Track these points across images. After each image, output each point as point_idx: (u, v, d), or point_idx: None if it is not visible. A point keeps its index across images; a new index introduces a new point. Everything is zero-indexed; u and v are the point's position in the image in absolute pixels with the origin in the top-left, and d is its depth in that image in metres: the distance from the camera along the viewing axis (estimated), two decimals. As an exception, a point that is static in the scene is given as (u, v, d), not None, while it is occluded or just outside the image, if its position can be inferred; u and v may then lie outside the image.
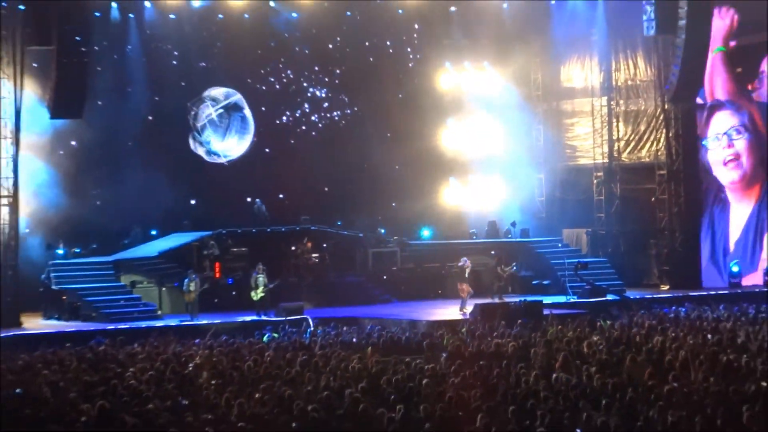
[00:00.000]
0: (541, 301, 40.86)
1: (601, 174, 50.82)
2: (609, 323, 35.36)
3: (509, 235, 50.49)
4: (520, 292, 44.80)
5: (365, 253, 47.73)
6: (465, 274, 44.06)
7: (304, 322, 39.13)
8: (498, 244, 48.81)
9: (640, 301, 42.53)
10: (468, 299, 43.02)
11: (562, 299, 43.84)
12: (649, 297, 44.00)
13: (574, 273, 45.87)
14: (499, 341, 31.16)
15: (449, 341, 31.73)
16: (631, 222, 49.61)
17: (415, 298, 45.46)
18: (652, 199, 48.68)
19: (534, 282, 46.70)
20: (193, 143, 48.60)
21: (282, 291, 43.74)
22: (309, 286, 45.70)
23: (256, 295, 42.43)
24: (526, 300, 41.21)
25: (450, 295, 46.26)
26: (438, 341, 31.76)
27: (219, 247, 45.19)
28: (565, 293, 45.08)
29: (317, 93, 51.16)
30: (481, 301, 41.42)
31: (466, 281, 43.85)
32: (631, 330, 33.06)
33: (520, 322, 35.71)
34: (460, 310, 42.11)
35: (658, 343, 29.48)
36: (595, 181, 51.05)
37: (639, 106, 49.50)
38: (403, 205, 50.71)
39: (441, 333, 33.85)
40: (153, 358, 30.25)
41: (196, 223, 47.14)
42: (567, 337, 31.48)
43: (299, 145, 50.31)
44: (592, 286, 44.46)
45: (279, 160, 49.75)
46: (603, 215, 50.51)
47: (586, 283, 44.79)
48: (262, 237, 46.91)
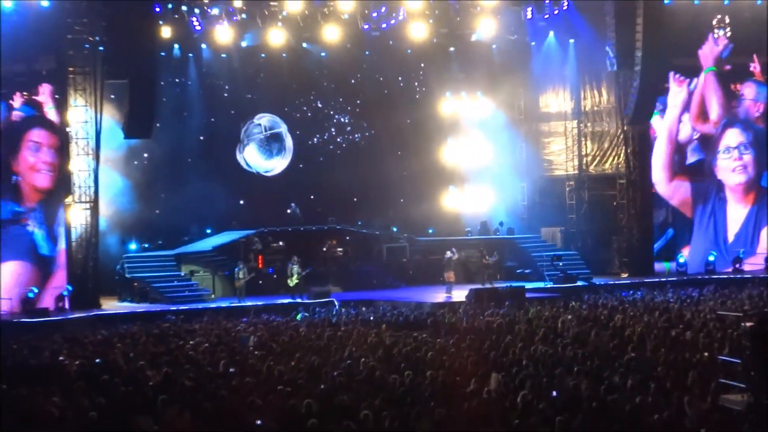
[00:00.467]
0: (523, 287, 40.77)
1: (572, 183, 50.73)
2: (579, 304, 35.21)
3: (497, 233, 50.35)
4: (506, 279, 44.73)
5: (380, 247, 47.64)
6: (451, 264, 44.01)
7: (331, 303, 39.07)
8: (487, 240, 48.63)
9: (604, 287, 42.47)
10: (453, 285, 42.87)
11: (540, 285, 43.66)
12: (612, 283, 43.85)
13: (550, 264, 45.84)
14: (490, 319, 31.08)
15: (449, 319, 31.64)
16: (596, 222, 49.44)
17: (421, 284, 45.28)
18: (614, 203, 48.50)
19: (517, 271, 46.52)
20: (239, 155, 48.45)
21: (313, 278, 43.75)
22: (335, 274, 45.57)
23: (292, 281, 42.40)
24: (511, 285, 41.20)
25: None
26: (440, 319, 31.69)
27: (262, 243, 45.13)
28: (543, 280, 44.92)
29: (341, 119, 51.10)
30: (475, 286, 41.27)
31: (452, 270, 43.80)
32: (597, 310, 32.97)
33: (507, 304, 35.59)
34: (446, 293, 41.87)
35: (619, 320, 29.36)
36: (567, 189, 50.95)
37: (603, 128, 49.34)
38: (411, 208, 50.58)
39: (442, 312, 33.78)
40: (207, 334, 30.24)
41: (243, 223, 47.04)
42: (545, 316, 31.39)
43: (327, 161, 50.20)
44: (565, 274, 44.39)
45: (311, 172, 49.63)
46: (574, 216, 50.39)
47: (560, 272, 44.72)
48: (297, 234, 46.80)
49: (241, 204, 48.61)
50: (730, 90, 49.11)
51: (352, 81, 51.06)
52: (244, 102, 48.96)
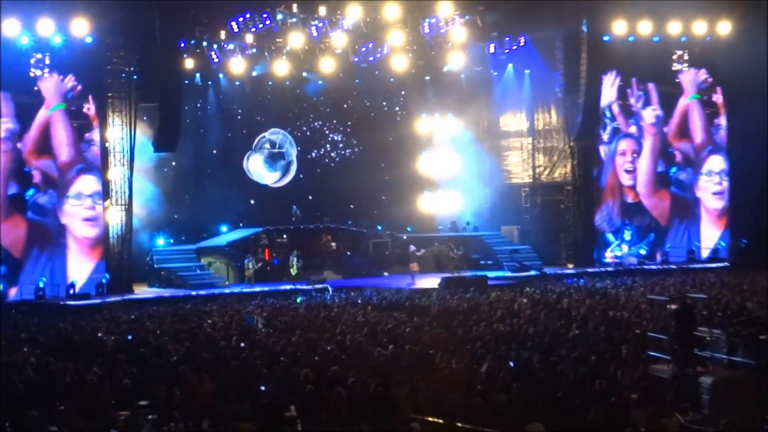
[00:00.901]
0: (486, 275, 40.70)
1: (527, 189, 50.69)
2: (532, 290, 35.17)
3: (465, 230, 50.29)
4: (471, 268, 44.54)
5: (367, 242, 47.54)
6: (413, 257, 44.20)
7: (326, 289, 38.97)
8: (456, 237, 48.57)
9: (553, 275, 42.38)
10: (416, 274, 42.98)
11: (500, 274, 43.54)
12: (560, 272, 43.79)
13: (508, 256, 45.84)
14: (458, 302, 31.02)
15: (424, 302, 31.55)
16: (547, 221, 49.37)
17: (401, 273, 45.09)
18: (561, 207, 48.47)
19: (481, 262, 46.42)
20: (245, 162, 48.34)
21: (310, 268, 43.75)
22: (329, 265, 45.48)
23: (293, 271, 42.37)
24: (476, 274, 41.15)
25: (424, 271, 46.09)
26: (416, 302, 31.58)
27: (268, 239, 45.05)
28: (502, 270, 44.81)
29: (335, 137, 50.99)
30: (445, 275, 41.20)
31: (414, 261, 43.90)
32: (547, 295, 32.92)
33: (472, 290, 35.55)
34: (410, 281, 41.79)
35: (565, 303, 29.35)
36: (523, 194, 50.89)
37: (553, 144, 49.26)
38: (393, 210, 50.54)
39: (418, 296, 33.70)
40: (222, 314, 30.11)
41: (253, 222, 46.92)
42: (503, 300, 31.37)
43: (323, 172, 50.13)
44: (520, 265, 44.31)
45: (310, 181, 49.61)
46: (528, 217, 50.36)
47: (517, 263, 44.64)
48: (298, 232, 46.64)
49: (252, 204, 48.41)
50: (710, 118, 49.08)
51: (345, 105, 50.95)
52: (254, 122, 48.88)
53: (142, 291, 40.48)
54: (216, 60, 43.89)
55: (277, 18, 42.62)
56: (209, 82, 47.31)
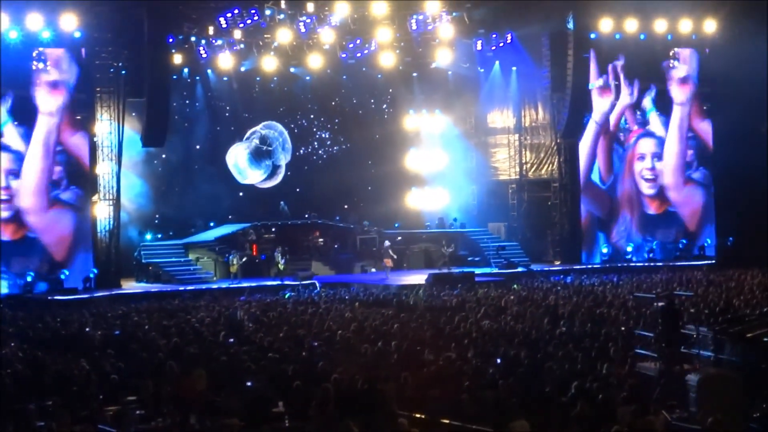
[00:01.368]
0: (473, 272, 40.78)
1: (514, 186, 50.65)
2: (519, 287, 35.24)
3: (452, 227, 50.28)
4: (458, 265, 44.52)
5: (354, 238, 47.41)
6: (388, 252, 44.21)
7: (313, 285, 38.94)
8: (444, 233, 48.58)
9: (540, 272, 42.48)
10: (390, 269, 43.36)
11: (487, 270, 43.59)
12: (547, 269, 43.88)
13: (496, 252, 45.82)
14: (445, 298, 31.08)
15: (411, 298, 31.57)
16: (534, 218, 49.42)
17: (380, 269, 45.12)
18: (548, 203, 48.50)
19: (468, 258, 46.44)
20: (230, 151, 48.23)
21: (297, 263, 43.79)
22: (316, 260, 45.46)
23: (280, 266, 42.36)
24: (463, 271, 41.19)
25: (412, 266, 46.26)
26: (404, 298, 31.61)
27: (256, 234, 44.93)
28: (489, 266, 44.86)
29: (323, 134, 50.90)
30: (433, 271, 41.25)
31: (389, 257, 43.95)
32: (534, 291, 33.00)
33: (459, 286, 35.57)
34: (385, 276, 42.19)
35: (552, 300, 29.45)
36: (510, 191, 50.86)
37: (539, 140, 49.28)
38: (380, 206, 50.31)
39: (405, 292, 33.71)
40: (210, 309, 30.12)
41: (240, 218, 46.85)
42: (491, 296, 31.39)
43: (311, 169, 49.99)
44: (508, 261, 44.31)
45: (298, 178, 49.44)
46: (515, 213, 50.30)
47: (504, 260, 44.64)
48: (285, 227, 46.61)
49: (239, 199, 48.29)
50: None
51: (332, 103, 50.86)
52: (242, 118, 48.70)
53: (130, 286, 40.41)
54: (204, 55, 43.87)
55: (266, 14, 42.62)
56: (197, 78, 47.17)
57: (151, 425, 15.68)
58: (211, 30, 42.72)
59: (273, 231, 45.83)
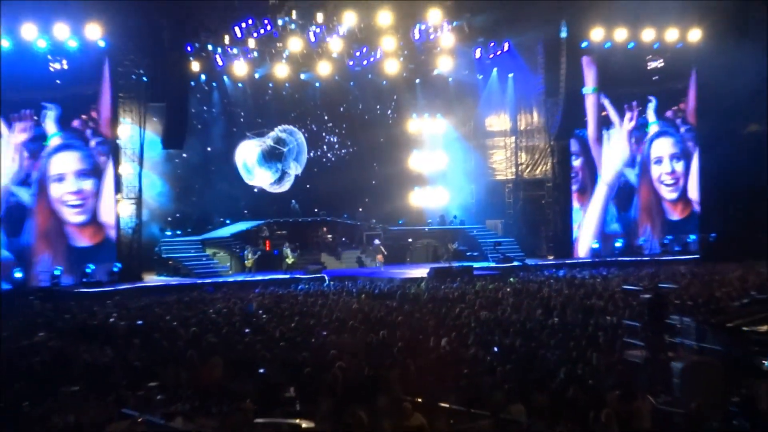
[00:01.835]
0: (472, 266, 40.72)
1: (510, 185, 50.63)
2: (515, 279, 35.24)
3: (452, 223, 50.26)
4: (458, 259, 44.53)
5: (361, 234, 47.44)
6: (380, 249, 44.68)
7: (322, 278, 38.99)
8: (445, 230, 48.73)
9: (534, 266, 42.40)
10: (382, 264, 43.88)
11: (485, 264, 43.57)
12: (540, 263, 43.81)
13: (493, 248, 45.86)
14: (446, 291, 31.09)
15: (414, 290, 31.60)
16: (529, 215, 49.34)
17: (393, 262, 45.20)
18: (542, 202, 48.47)
19: (467, 253, 46.40)
20: (240, 144, 48.20)
21: (308, 258, 43.83)
22: (325, 255, 45.44)
23: (290, 260, 42.37)
24: (462, 265, 41.17)
25: (415, 260, 46.30)
26: (407, 290, 31.63)
27: (269, 231, 44.97)
28: (487, 260, 44.84)
29: (331, 138, 50.85)
30: (435, 265, 41.29)
31: (381, 253, 44.48)
32: (529, 284, 32.99)
33: (459, 279, 35.60)
34: (381, 270, 42.61)
35: (546, 292, 29.41)
36: (506, 190, 50.83)
37: (534, 143, 49.24)
38: (385, 204, 50.37)
39: (409, 285, 33.72)
40: (226, 301, 30.16)
41: (255, 215, 46.85)
42: (488, 289, 31.40)
43: (320, 171, 49.86)
44: (504, 256, 44.36)
45: (308, 179, 49.33)
46: (512, 211, 50.28)
47: (501, 254, 44.70)
48: (296, 224, 46.58)
49: (253, 198, 48.18)
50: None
51: (341, 109, 50.81)
52: (255, 124, 48.60)
53: (151, 279, 40.43)
54: (220, 63, 43.87)
55: (278, 24, 42.70)
56: (214, 84, 47.16)
57: (172, 409, 15.75)
58: (226, 39, 42.72)
59: (284, 228, 45.83)
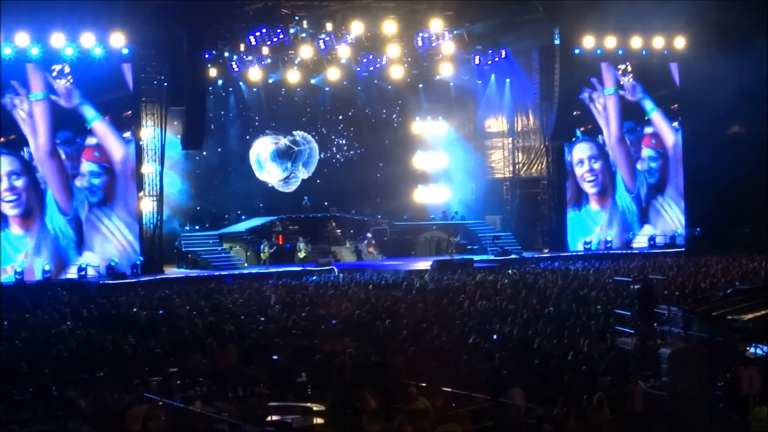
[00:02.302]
0: (472, 259, 40.69)
1: (508, 183, 50.50)
2: (513, 271, 35.22)
3: (453, 219, 50.18)
4: (459, 253, 44.51)
5: (368, 229, 47.36)
6: (372, 242, 44.89)
7: (332, 270, 38.97)
8: (447, 224, 48.67)
9: (531, 259, 42.36)
10: (374, 256, 44.13)
11: (484, 257, 43.46)
12: (536, 256, 43.72)
13: (492, 242, 45.78)
14: (448, 282, 31.11)
15: (418, 282, 31.59)
16: (525, 211, 49.24)
17: (398, 255, 45.19)
18: (538, 198, 48.37)
19: (468, 247, 46.32)
20: (257, 140, 48.03)
21: (319, 251, 43.85)
22: (335, 248, 45.41)
23: (302, 254, 42.39)
24: (463, 258, 41.13)
25: (419, 253, 46.27)
26: (412, 282, 31.62)
27: (282, 226, 45.00)
28: (486, 254, 44.70)
29: (340, 141, 50.75)
30: (437, 258, 41.26)
31: (372, 246, 44.69)
32: (526, 276, 32.96)
33: (460, 271, 35.57)
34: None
35: (541, 283, 29.42)
36: (504, 187, 50.71)
37: (530, 143, 49.13)
38: (391, 201, 50.34)
39: (413, 277, 33.71)
40: (242, 291, 30.16)
41: (268, 211, 46.80)
42: (487, 280, 31.40)
43: (330, 171, 49.72)
44: (502, 249, 44.24)
45: (319, 178, 49.22)
46: (509, 207, 50.15)
47: (499, 248, 44.58)
48: (308, 220, 46.47)
49: (267, 195, 48.02)
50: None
51: (349, 113, 50.73)
52: (269, 127, 48.49)
53: (172, 271, 40.39)
54: (236, 69, 43.83)
55: (290, 32, 42.65)
56: (230, 89, 47.11)
57: (191, 393, 15.76)
58: (242, 47, 42.69)
59: (296, 223, 45.80)
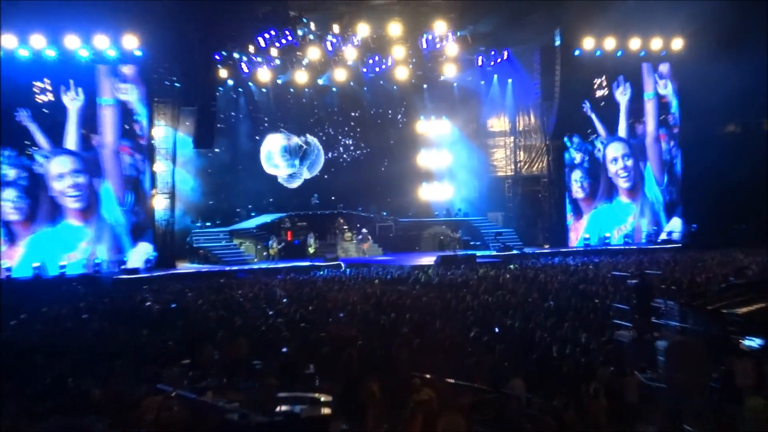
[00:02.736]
0: (474, 254, 40.71)
1: (510, 181, 50.65)
2: (514, 266, 35.19)
3: (457, 215, 50.26)
4: (462, 248, 44.55)
5: (374, 225, 47.47)
6: (367, 237, 45.18)
7: (339, 265, 38.99)
8: (450, 221, 48.73)
9: (532, 254, 42.33)
10: (368, 253, 44.29)
11: (487, 253, 43.51)
12: (537, 252, 43.71)
13: (494, 237, 45.82)
14: (451, 277, 31.07)
15: (422, 277, 31.58)
16: (526, 208, 49.40)
17: (403, 251, 45.31)
18: (539, 196, 48.44)
19: (471, 242, 46.45)
20: (264, 143, 48.00)
21: (326, 246, 43.95)
22: (341, 243, 45.53)
23: (311, 249, 42.46)
24: (466, 253, 41.14)
25: (423, 249, 46.29)
26: (416, 277, 31.61)
27: (290, 222, 45.09)
28: (488, 249, 44.79)
29: (347, 141, 50.94)
30: (441, 253, 41.27)
31: (366, 241, 45.11)
32: (527, 270, 32.92)
33: (463, 266, 35.58)
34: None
35: (542, 278, 29.35)
36: (506, 185, 50.84)
37: (531, 142, 49.28)
38: (396, 198, 50.60)
39: (417, 272, 33.69)
40: (251, 285, 30.16)
41: (278, 208, 46.92)
42: (490, 275, 31.34)
43: (338, 169, 49.99)
44: (504, 245, 44.28)
45: (327, 176, 49.40)
46: (511, 204, 50.33)
47: (501, 244, 44.63)
48: (316, 216, 46.66)
49: (277, 193, 48.08)
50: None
51: (355, 114, 50.90)
52: (277, 126, 48.58)
53: (184, 266, 40.54)
54: (246, 70, 43.94)
55: (298, 34, 42.71)
56: (240, 89, 47.30)
57: (202, 385, 15.77)
58: (251, 48, 42.80)
59: (305, 220, 45.90)
